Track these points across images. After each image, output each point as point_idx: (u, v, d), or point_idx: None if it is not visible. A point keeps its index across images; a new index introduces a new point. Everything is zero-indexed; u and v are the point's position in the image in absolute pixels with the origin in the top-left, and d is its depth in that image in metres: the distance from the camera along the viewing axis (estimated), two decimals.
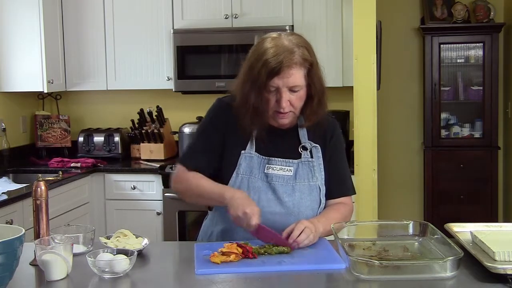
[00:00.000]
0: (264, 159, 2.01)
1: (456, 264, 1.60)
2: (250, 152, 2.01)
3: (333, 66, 4.11)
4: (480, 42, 4.75)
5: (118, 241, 1.87)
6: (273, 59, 1.87)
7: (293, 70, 1.88)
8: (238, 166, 2.00)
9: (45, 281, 1.64)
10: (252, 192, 1.98)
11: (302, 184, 2.01)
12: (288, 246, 1.81)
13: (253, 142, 2.01)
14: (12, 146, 4.26)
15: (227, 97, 2.08)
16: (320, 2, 4.11)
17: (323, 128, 2.08)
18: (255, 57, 1.92)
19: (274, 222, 1.96)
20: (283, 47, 1.89)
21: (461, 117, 4.91)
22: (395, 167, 5.01)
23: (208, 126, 2.08)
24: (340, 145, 2.14)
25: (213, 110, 2.10)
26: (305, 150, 2.04)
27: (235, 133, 2.02)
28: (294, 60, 1.88)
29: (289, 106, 1.93)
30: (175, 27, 4.25)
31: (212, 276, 1.64)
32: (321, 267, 1.70)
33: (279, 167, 2.00)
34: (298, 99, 1.94)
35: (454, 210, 4.70)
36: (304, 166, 2.02)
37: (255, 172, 1.99)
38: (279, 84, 1.89)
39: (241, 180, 1.99)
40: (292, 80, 1.89)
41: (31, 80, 4.14)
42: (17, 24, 4.09)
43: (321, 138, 2.07)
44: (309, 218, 1.97)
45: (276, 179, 1.99)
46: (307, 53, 1.93)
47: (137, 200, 4.07)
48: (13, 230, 1.58)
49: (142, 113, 4.40)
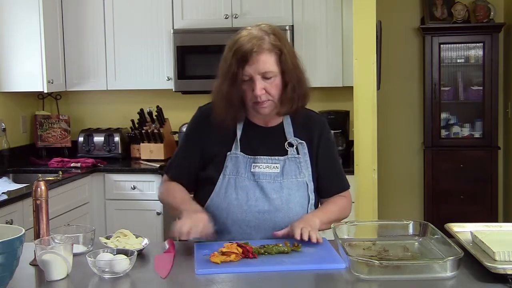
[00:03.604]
0: (250, 158, 2.01)
1: (456, 264, 1.60)
2: (235, 153, 2.02)
3: (333, 66, 4.11)
4: (480, 42, 4.75)
5: (118, 241, 1.87)
6: (241, 47, 1.89)
7: (263, 56, 1.90)
8: (224, 167, 2.01)
9: (45, 281, 1.63)
10: (240, 191, 1.98)
11: (290, 180, 2.01)
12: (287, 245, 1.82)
13: (237, 143, 2.03)
14: (12, 146, 4.26)
15: (207, 105, 2.11)
16: (320, 2, 4.11)
17: (310, 124, 2.09)
18: (227, 50, 1.95)
19: (263, 220, 1.97)
20: (252, 36, 1.92)
21: (461, 117, 4.91)
22: (395, 167, 5.01)
23: (189, 136, 2.12)
24: (331, 143, 2.16)
25: (193, 120, 2.14)
26: (291, 147, 2.04)
27: (219, 137, 2.04)
28: (262, 46, 1.90)
29: (265, 95, 1.93)
30: (175, 27, 4.25)
31: (212, 276, 1.64)
32: (321, 267, 1.70)
33: (265, 165, 2.01)
34: (274, 86, 1.93)
35: (454, 210, 4.70)
36: (291, 163, 2.02)
37: (241, 172, 2.00)
38: (250, 72, 1.90)
39: (228, 180, 2.00)
40: (262, 66, 1.90)
41: (31, 80, 4.14)
42: (17, 24, 4.09)
43: (308, 135, 2.08)
44: (299, 214, 1.99)
45: (263, 177, 2.00)
46: (277, 39, 1.94)
47: (137, 200, 4.07)
48: (13, 230, 1.58)
49: (142, 113, 4.40)
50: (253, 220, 1.97)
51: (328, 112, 4.30)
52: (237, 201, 1.98)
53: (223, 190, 1.99)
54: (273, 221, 1.97)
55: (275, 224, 1.97)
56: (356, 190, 3.72)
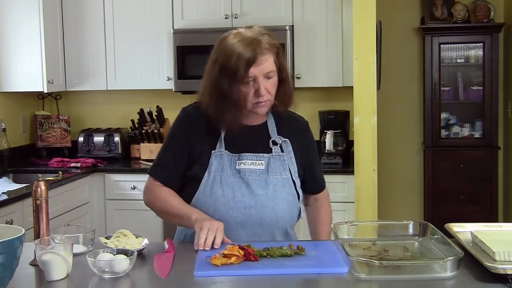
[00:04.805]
0: (235, 156, 2.02)
1: (456, 264, 1.60)
2: (220, 151, 2.02)
3: (333, 66, 4.11)
4: (480, 42, 4.75)
5: (118, 241, 1.87)
6: (246, 50, 1.91)
7: (266, 56, 1.94)
8: (209, 165, 2.01)
9: (45, 281, 1.63)
10: (226, 188, 1.99)
11: (275, 177, 2.02)
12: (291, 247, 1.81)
13: (222, 141, 2.04)
14: (12, 146, 4.26)
15: (191, 105, 2.13)
16: (320, 2, 4.11)
17: (292, 124, 2.14)
18: (225, 54, 1.95)
19: (250, 216, 1.98)
20: (249, 38, 1.94)
21: (461, 117, 4.91)
22: (395, 167, 5.01)
23: (174, 138, 2.11)
24: (314, 143, 2.22)
25: (177, 121, 2.14)
26: (275, 145, 2.06)
27: (203, 137, 2.05)
28: (264, 47, 1.93)
29: (267, 94, 1.96)
30: (175, 27, 4.25)
31: (212, 277, 1.64)
32: (322, 271, 1.68)
33: (250, 162, 2.02)
34: (273, 85, 1.98)
35: (454, 210, 4.70)
36: (275, 161, 2.04)
37: (226, 169, 2.01)
38: (255, 73, 1.92)
39: (213, 178, 2.00)
40: (266, 66, 1.94)
41: (31, 80, 4.14)
42: (17, 24, 4.09)
43: (292, 133, 2.10)
44: (285, 210, 2.02)
45: (249, 173, 2.01)
46: (271, 38, 1.98)
47: (137, 200, 4.06)
48: (13, 230, 1.58)
49: (142, 113, 4.40)
50: (239, 216, 1.97)
51: (328, 112, 4.30)
52: (223, 197, 1.98)
53: (209, 188, 2.00)
54: (259, 217, 1.99)
55: (262, 220, 1.99)
56: (356, 190, 3.72)
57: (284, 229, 2.07)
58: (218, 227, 1.88)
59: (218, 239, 1.84)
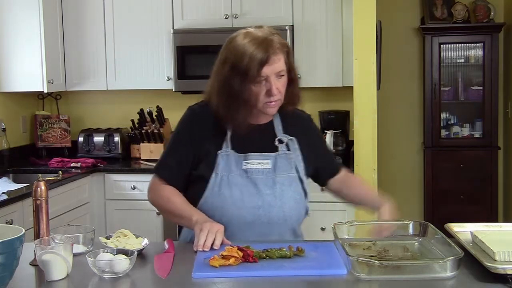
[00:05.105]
0: (241, 156, 2.02)
1: (456, 264, 1.60)
2: (226, 151, 2.02)
3: (333, 66, 4.11)
4: (480, 42, 4.75)
5: (118, 241, 1.87)
6: (258, 51, 1.91)
7: (278, 56, 1.94)
8: (216, 166, 2.00)
9: (45, 281, 1.63)
10: (234, 188, 1.98)
11: (282, 176, 2.02)
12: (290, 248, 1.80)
13: (228, 141, 2.03)
14: (12, 146, 4.26)
15: (198, 104, 2.13)
16: (320, 2, 4.11)
17: (298, 121, 2.15)
18: (236, 54, 1.94)
19: (258, 216, 1.98)
20: (260, 38, 1.94)
21: (461, 117, 4.91)
22: (395, 167, 5.01)
23: (180, 136, 2.11)
24: (318, 132, 2.30)
25: (183, 119, 2.14)
26: (282, 144, 2.06)
27: (209, 136, 2.04)
28: (276, 46, 1.94)
29: (278, 93, 1.96)
30: (175, 27, 4.25)
31: (210, 278, 1.63)
32: (321, 273, 1.67)
33: (257, 162, 2.01)
34: (283, 85, 1.99)
35: (454, 210, 4.70)
36: (282, 160, 2.03)
37: (233, 169, 2.00)
38: (267, 73, 1.92)
39: (220, 178, 1.99)
40: (278, 66, 1.94)
41: (31, 80, 4.14)
42: (17, 24, 4.09)
43: (298, 132, 2.11)
44: (292, 209, 2.02)
45: (256, 173, 2.00)
46: (281, 38, 2.00)
47: (137, 200, 4.07)
48: (13, 230, 1.58)
49: (142, 113, 4.40)
50: (248, 216, 1.97)
51: (328, 112, 4.30)
52: (231, 198, 1.98)
53: (217, 188, 1.99)
54: (267, 217, 1.98)
55: (270, 220, 1.98)
56: None
57: (292, 228, 2.06)
58: (218, 229, 1.88)
59: (217, 240, 1.84)
